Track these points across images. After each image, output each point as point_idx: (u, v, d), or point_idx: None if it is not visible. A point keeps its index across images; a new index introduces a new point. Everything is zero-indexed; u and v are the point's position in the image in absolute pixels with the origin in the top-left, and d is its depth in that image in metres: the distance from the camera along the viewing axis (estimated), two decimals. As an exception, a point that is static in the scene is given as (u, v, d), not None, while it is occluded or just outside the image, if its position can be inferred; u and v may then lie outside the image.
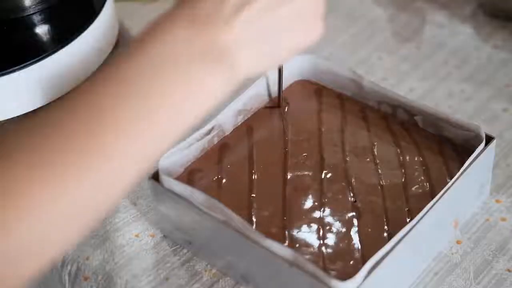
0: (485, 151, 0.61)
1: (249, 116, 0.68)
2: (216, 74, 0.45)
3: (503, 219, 0.64)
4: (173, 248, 0.63)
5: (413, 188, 0.61)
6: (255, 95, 0.68)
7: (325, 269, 0.55)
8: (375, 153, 0.64)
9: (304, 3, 0.47)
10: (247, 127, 0.67)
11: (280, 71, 0.67)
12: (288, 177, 0.62)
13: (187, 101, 0.44)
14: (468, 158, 0.59)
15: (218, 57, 0.44)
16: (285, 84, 0.70)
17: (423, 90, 0.78)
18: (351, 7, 0.90)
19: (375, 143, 0.65)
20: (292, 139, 0.65)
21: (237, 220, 0.56)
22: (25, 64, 0.72)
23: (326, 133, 0.66)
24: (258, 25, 0.45)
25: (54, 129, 0.41)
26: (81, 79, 0.77)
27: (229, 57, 0.45)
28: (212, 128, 0.64)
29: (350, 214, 0.59)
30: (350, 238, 0.58)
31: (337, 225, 0.59)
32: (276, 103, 0.69)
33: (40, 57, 0.72)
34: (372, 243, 0.56)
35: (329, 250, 0.57)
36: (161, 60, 0.44)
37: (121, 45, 0.85)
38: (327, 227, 0.58)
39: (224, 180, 0.62)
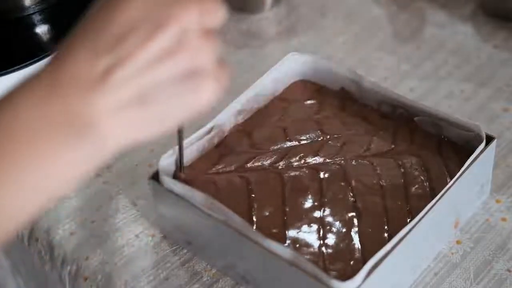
0: (485, 151, 0.61)
1: (249, 116, 0.68)
2: (78, 150, 0.38)
3: (503, 219, 0.64)
4: (173, 248, 0.63)
5: (413, 188, 0.61)
6: (255, 96, 0.68)
7: (325, 269, 0.55)
8: (375, 153, 0.64)
9: (190, 58, 0.39)
10: (247, 127, 0.67)
11: (179, 132, 0.58)
12: (288, 177, 0.62)
13: (41, 181, 0.39)
14: (468, 158, 0.59)
15: (80, 130, 0.38)
16: (286, 84, 0.70)
17: (423, 90, 0.78)
18: (351, 7, 0.90)
19: (375, 143, 0.65)
20: (292, 139, 0.65)
21: (237, 220, 0.56)
22: (25, 64, 0.72)
23: (326, 133, 0.65)
24: (133, 87, 0.38)
25: None
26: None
27: (94, 129, 0.38)
28: (212, 128, 0.64)
29: (350, 214, 0.59)
30: (350, 238, 0.58)
31: (337, 225, 0.59)
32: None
33: (40, 57, 0.72)
34: (372, 243, 0.56)
35: (329, 250, 0.57)
36: (11, 139, 0.38)
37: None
38: (327, 227, 0.58)
39: (224, 180, 0.62)
